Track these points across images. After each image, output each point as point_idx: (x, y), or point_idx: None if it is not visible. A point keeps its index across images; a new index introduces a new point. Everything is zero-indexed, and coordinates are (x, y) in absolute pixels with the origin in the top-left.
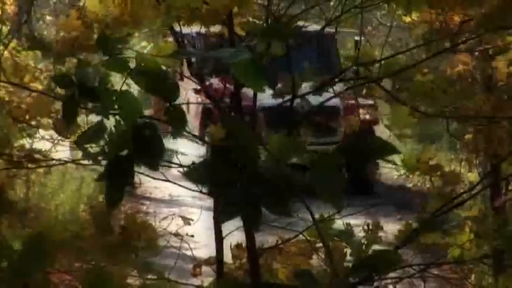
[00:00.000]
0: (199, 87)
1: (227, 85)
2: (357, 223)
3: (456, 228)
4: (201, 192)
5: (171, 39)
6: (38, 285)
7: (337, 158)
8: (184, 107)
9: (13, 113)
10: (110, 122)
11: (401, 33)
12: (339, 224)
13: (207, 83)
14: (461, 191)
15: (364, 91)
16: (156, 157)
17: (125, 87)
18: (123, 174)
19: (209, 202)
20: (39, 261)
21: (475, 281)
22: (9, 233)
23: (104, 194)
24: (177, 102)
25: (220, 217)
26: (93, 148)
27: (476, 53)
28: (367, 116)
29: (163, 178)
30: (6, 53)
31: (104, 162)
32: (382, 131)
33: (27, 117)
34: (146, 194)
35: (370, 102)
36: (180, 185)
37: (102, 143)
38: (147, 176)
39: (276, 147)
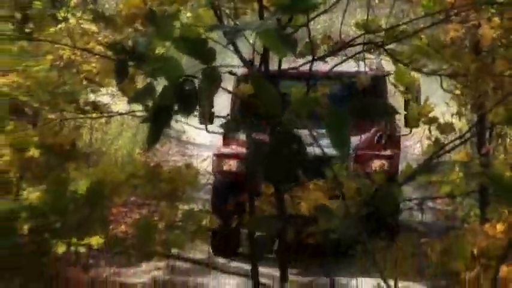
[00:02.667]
0: None
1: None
2: None
3: (448, 169)
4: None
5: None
6: (100, 220)
7: (346, 116)
8: None
9: (80, 72)
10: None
11: (403, 6)
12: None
13: None
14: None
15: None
16: (192, 107)
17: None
18: (162, 120)
19: None
20: (101, 201)
21: (464, 212)
22: (76, 174)
23: (146, 135)
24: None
25: (250, 163)
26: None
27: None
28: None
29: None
30: (74, 22)
31: None
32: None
33: (92, 76)
34: (190, 140)
35: (389, 153)
36: (216, 133)
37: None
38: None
39: (296, 101)
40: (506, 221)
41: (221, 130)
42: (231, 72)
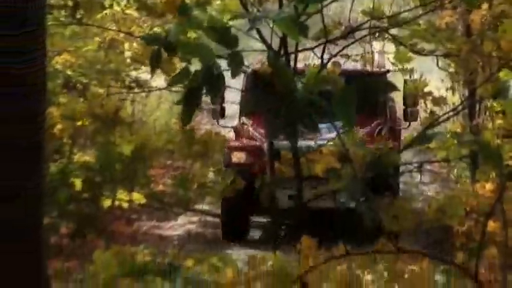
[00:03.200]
0: None
1: None
2: None
3: (443, 137)
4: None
5: None
6: (142, 178)
7: (353, 93)
8: None
9: (123, 52)
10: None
11: None
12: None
13: None
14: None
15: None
16: (218, 89)
17: None
18: (193, 102)
19: None
20: (143, 163)
21: (457, 174)
22: (120, 140)
23: (180, 113)
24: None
25: (268, 135)
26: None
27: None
28: None
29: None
30: (119, 9)
31: None
32: None
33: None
34: None
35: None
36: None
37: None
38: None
39: (310, 78)
40: (493, 181)
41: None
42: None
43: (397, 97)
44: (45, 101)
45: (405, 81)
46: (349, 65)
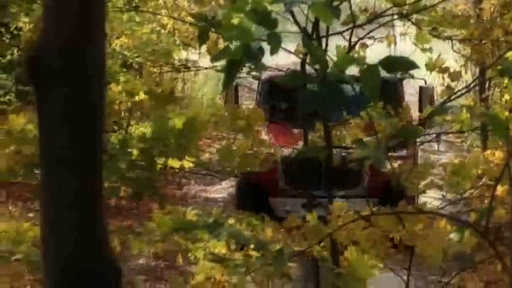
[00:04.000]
0: None
1: None
2: None
3: (458, 111)
4: None
5: None
6: (192, 149)
7: (378, 70)
8: None
9: (174, 35)
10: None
11: None
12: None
13: None
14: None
15: None
16: (258, 58)
17: None
18: (232, 71)
19: None
20: (193, 134)
21: (469, 143)
22: (173, 114)
23: (222, 83)
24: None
25: (301, 107)
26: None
27: None
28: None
29: None
30: None
31: None
32: None
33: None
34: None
35: (403, 153)
36: None
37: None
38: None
39: (339, 58)
40: (502, 150)
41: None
42: (254, 77)
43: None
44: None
45: (420, 88)
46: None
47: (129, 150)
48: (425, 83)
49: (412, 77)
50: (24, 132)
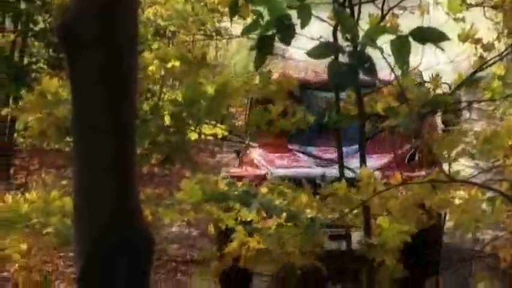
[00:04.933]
0: None
1: None
2: None
3: (490, 79)
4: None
5: None
6: (224, 116)
7: (408, 41)
8: None
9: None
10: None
11: None
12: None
13: None
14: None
15: None
16: (289, 36)
17: None
18: (266, 47)
19: None
20: (225, 101)
21: (502, 111)
22: (205, 81)
23: (254, 58)
24: None
25: (330, 81)
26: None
27: None
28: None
29: None
30: None
31: None
32: None
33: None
34: (291, 56)
35: (422, 173)
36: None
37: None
38: None
39: (371, 27)
40: None
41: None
42: None
43: None
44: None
45: (443, 122)
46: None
47: (161, 115)
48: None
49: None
50: (57, 95)
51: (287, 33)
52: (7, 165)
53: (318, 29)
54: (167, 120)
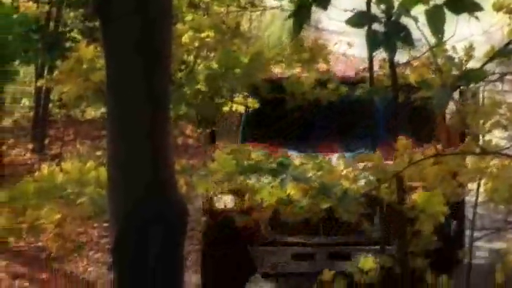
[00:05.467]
0: None
1: None
2: None
3: None
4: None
5: None
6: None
7: (443, 11)
8: None
9: None
10: None
11: None
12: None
13: None
14: None
15: None
16: (326, 2)
17: None
18: (302, 16)
19: None
20: (258, 71)
21: None
22: (239, 51)
23: (291, 27)
24: None
25: (368, 47)
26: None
27: None
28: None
29: None
30: None
31: None
32: None
33: None
34: (324, 27)
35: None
36: None
37: None
38: None
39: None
40: None
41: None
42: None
43: None
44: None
45: (461, 92)
46: None
47: (195, 82)
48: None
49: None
50: (93, 62)
51: (324, 4)
52: (42, 135)
53: (351, 1)
54: (202, 87)
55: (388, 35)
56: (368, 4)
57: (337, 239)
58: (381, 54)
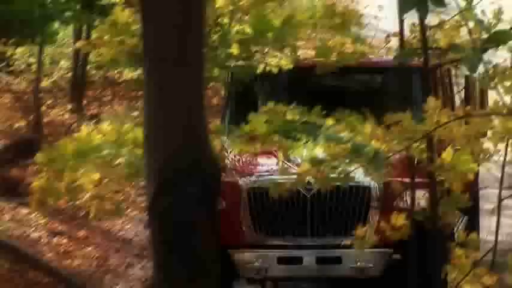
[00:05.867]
0: None
1: None
2: None
3: None
4: None
5: None
6: (290, 48)
7: None
8: None
9: None
10: None
11: None
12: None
13: None
14: None
15: None
16: None
17: None
18: None
19: None
20: (291, 33)
21: None
22: (272, 14)
23: None
24: None
25: (399, 9)
26: None
27: None
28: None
29: None
30: None
31: None
32: None
33: None
34: None
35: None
36: None
37: None
38: None
39: None
40: None
41: None
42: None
43: None
44: None
45: (466, 78)
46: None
47: (229, 44)
48: None
49: None
50: (128, 25)
51: None
52: (80, 96)
53: None
54: (235, 50)
55: None
56: None
57: (326, 241)
58: (411, 17)
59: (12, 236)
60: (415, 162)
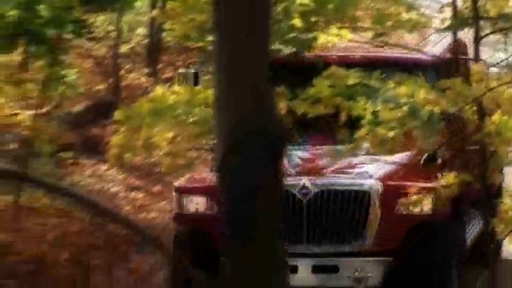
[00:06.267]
0: None
1: None
2: None
3: None
4: None
5: None
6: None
7: None
8: None
9: None
10: None
11: None
12: None
13: None
14: None
15: None
16: None
17: None
18: None
19: None
20: (350, 3)
21: None
22: None
23: None
24: None
25: None
26: None
27: None
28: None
29: None
30: None
31: None
32: None
33: None
34: None
35: (429, 184)
36: None
37: None
38: None
39: None
40: None
41: None
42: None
43: None
44: None
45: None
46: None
47: (291, 17)
48: None
49: None
50: (198, 1)
51: None
52: (156, 61)
53: None
54: (297, 22)
55: None
56: None
57: (323, 249)
58: None
59: (92, 190)
60: (421, 164)
